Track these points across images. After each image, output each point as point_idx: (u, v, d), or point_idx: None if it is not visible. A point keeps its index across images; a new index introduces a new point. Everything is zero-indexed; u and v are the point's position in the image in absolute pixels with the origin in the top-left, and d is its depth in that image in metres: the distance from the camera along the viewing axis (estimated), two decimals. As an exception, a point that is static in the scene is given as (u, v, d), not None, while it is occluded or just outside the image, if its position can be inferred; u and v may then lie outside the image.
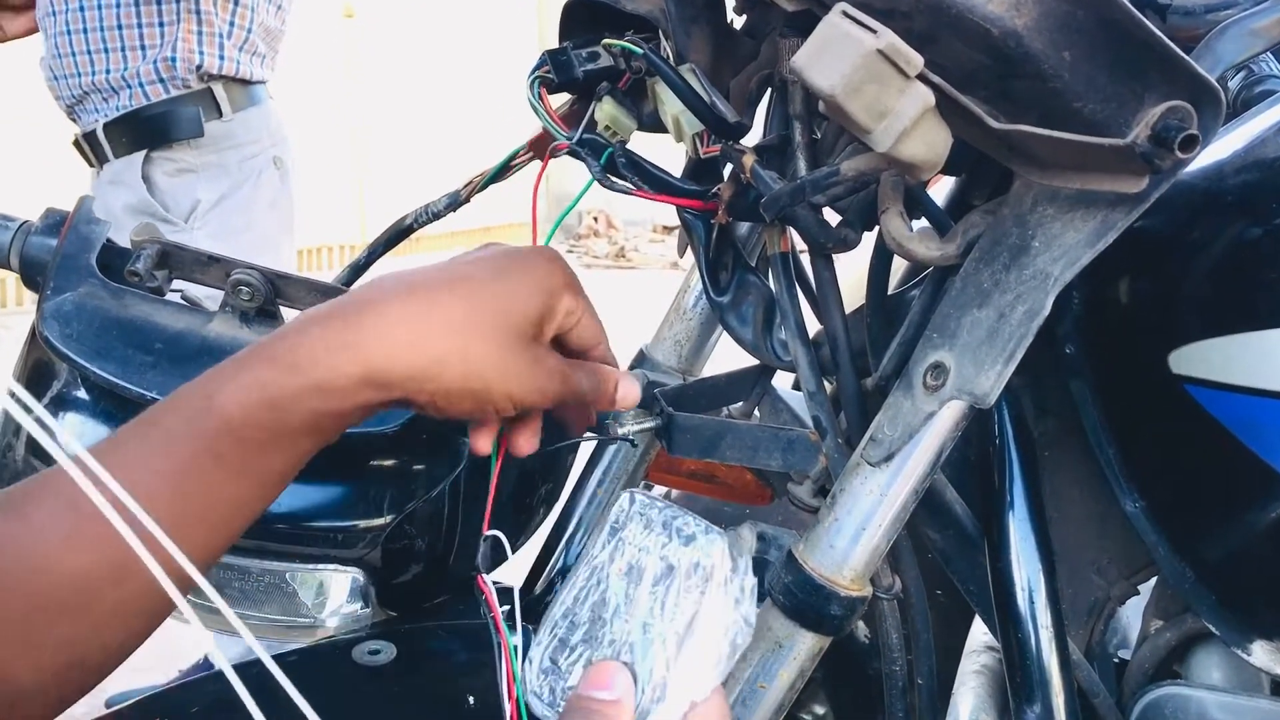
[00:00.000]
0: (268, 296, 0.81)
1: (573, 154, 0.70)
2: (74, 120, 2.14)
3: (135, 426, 0.56)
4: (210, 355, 0.79)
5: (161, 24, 2.02)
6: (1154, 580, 0.74)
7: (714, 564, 0.57)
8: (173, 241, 0.84)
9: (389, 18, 7.43)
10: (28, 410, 0.30)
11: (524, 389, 0.60)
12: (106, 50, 2.03)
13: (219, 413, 0.54)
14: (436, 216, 0.91)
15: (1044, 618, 0.66)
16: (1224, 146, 0.64)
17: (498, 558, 0.68)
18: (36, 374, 0.85)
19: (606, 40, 0.72)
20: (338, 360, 0.55)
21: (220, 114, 2.10)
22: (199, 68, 2.04)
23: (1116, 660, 0.81)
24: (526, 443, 0.66)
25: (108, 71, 2.03)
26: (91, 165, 2.15)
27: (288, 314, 0.84)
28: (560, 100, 0.80)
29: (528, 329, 0.60)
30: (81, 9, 2.02)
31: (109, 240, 0.85)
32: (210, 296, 0.85)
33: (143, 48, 2.02)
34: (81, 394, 0.82)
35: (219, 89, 2.09)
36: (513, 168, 0.87)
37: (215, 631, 0.68)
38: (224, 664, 0.32)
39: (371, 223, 7.30)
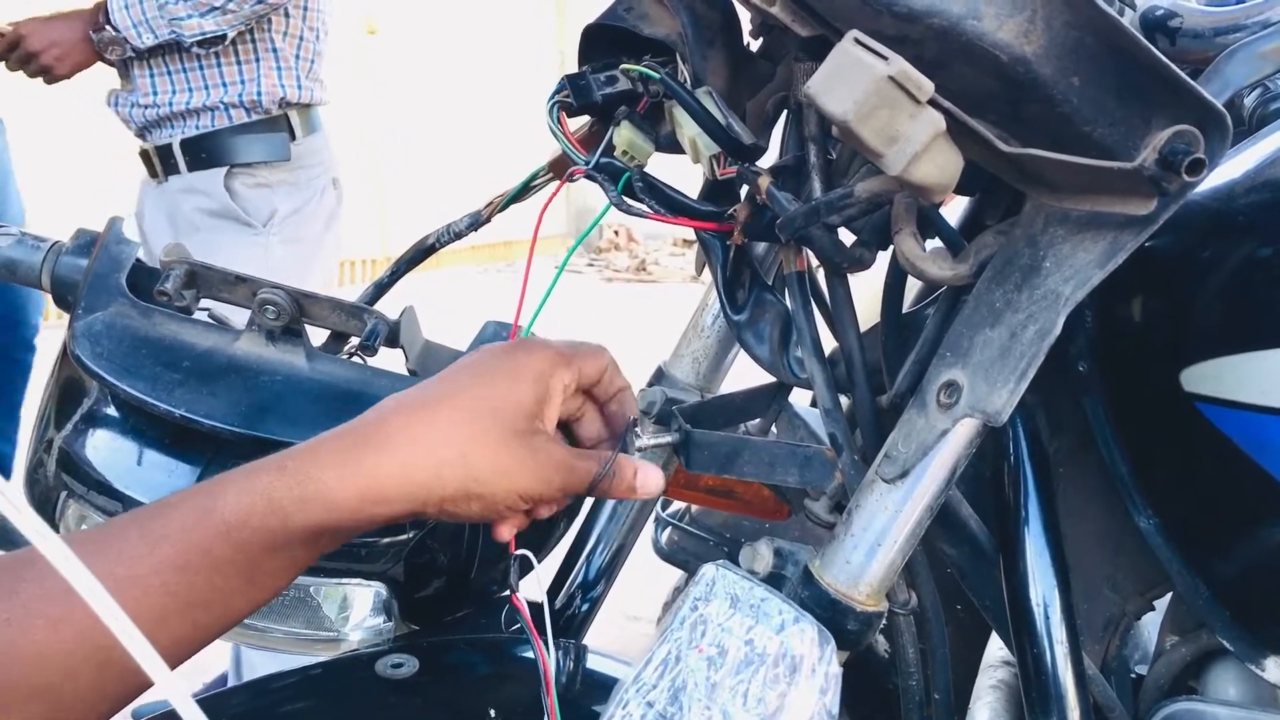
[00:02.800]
0: (293, 315, 0.83)
1: (590, 178, 0.71)
2: (142, 137, 2.28)
3: (136, 518, 0.57)
4: (237, 373, 0.81)
5: (239, 62, 2.19)
6: (1169, 596, 0.74)
7: (803, 654, 0.55)
8: (201, 262, 0.86)
9: (412, 35, 7.48)
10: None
11: (528, 483, 0.61)
12: (190, 89, 2.19)
13: (220, 514, 0.56)
14: (458, 236, 0.92)
15: (1059, 633, 0.67)
16: (1235, 167, 0.65)
17: (524, 571, 0.69)
18: (68, 391, 0.87)
19: (625, 65, 0.73)
20: (342, 475, 0.58)
21: (294, 138, 2.28)
22: (282, 99, 2.23)
23: (1134, 676, 0.81)
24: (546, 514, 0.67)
25: (188, 104, 2.19)
26: (155, 175, 2.29)
27: (313, 332, 0.86)
28: (580, 122, 0.82)
29: (522, 423, 0.62)
30: (163, 55, 2.18)
31: (138, 260, 0.87)
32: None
33: (224, 85, 2.19)
34: (111, 411, 0.84)
35: (294, 115, 2.27)
36: (533, 188, 0.88)
37: (245, 645, 0.70)
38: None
39: (392, 238, 7.35)
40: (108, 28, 2.16)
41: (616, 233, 10.04)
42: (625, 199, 0.70)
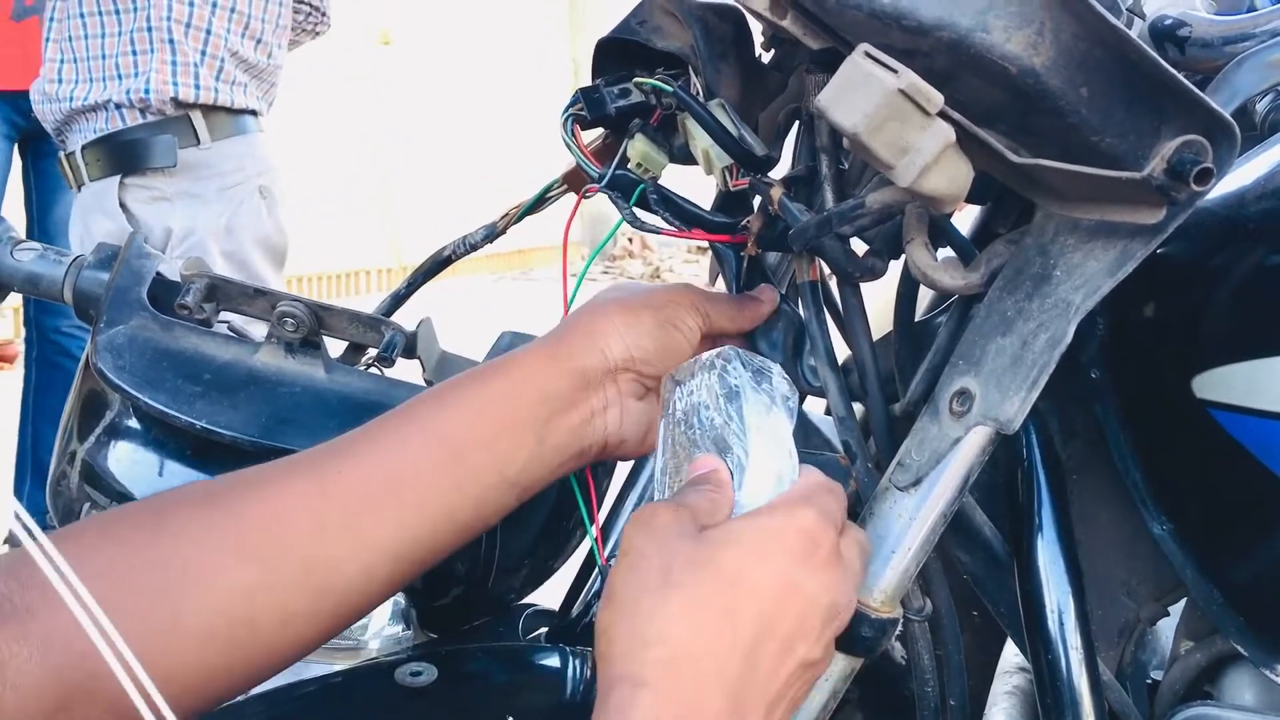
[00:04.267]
0: (311, 328, 0.84)
1: (604, 193, 0.72)
2: (61, 144, 2.20)
3: None
4: (256, 384, 0.82)
5: (135, 52, 2.06)
6: (1184, 601, 0.74)
7: (774, 372, 0.62)
8: (221, 275, 0.87)
9: (425, 45, 7.52)
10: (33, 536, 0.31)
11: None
12: (91, 80, 2.08)
13: None
14: (474, 247, 0.93)
15: (1074, 639, 0.67)
16: (1246, 173, 0.65)
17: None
18: (90, 404, 0.89)
19: (637, 79, 0.74)
20: None
21: (198, 141, 2.11)
22: (174, 98, 2.07)
23: (1150, 681, 0.81)
24: None
25: (86, 99, 2.08)
26: (71, 186, 2.19)
27: (330, 344, 0.87)
28: (594, 134, 0.82)
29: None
30: (69, 39, 2.10)
31: (159, 274, 0.88)
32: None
33: (119, 76, 2.07)
34: (133, 423, 0.85)
35: (197, 117, 2.10)
36: (548, 200, 0.89)
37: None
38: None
39: (406, 248, 7.37)
40: None
41: (631, 240, 10.06)
42: (638, 215, 0.71)
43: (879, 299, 0.81)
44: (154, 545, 0.57)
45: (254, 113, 2.21)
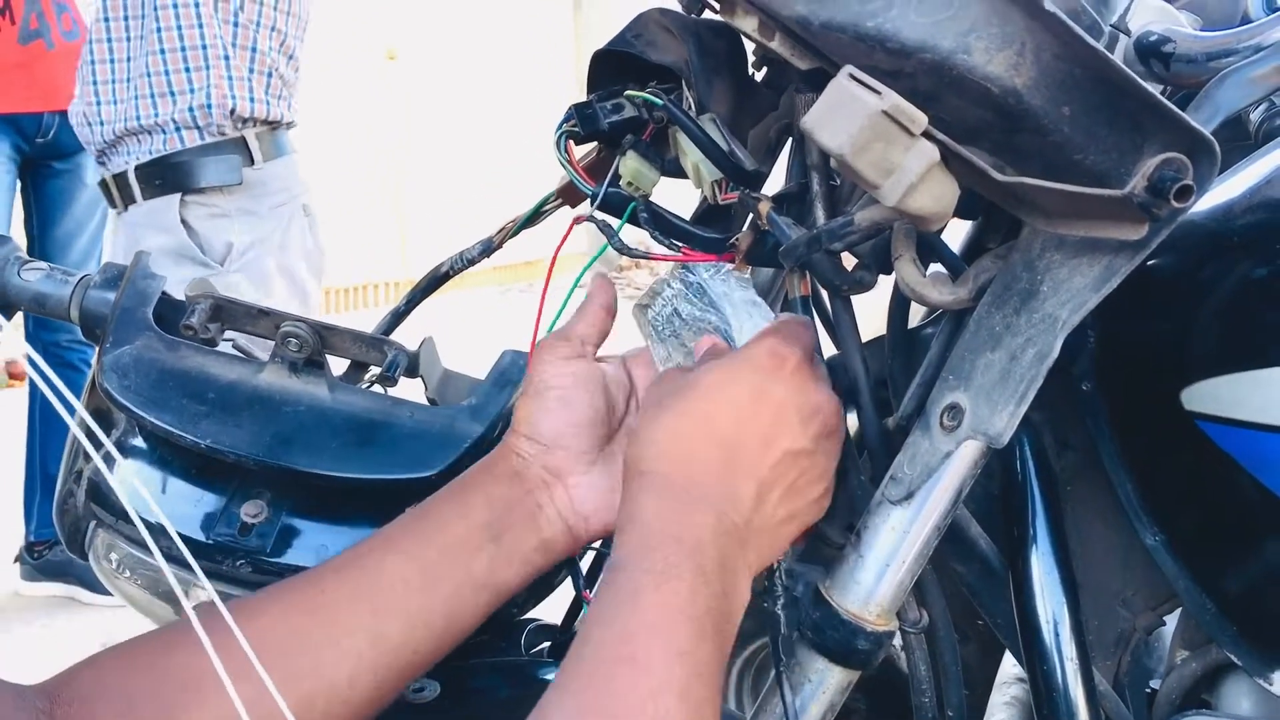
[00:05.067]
0: (315, 347, 0.85)
1: (592, 221, 0.73)
2: (103, 164, 2.22)
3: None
4: (261, 404, 0.83)
5: (188, 69, 2.09)
6: (1179, 611, 0.75)
7: (719, 265, 0.72)
8: (226, 296, 0.88)
9: (431, 59, 7.54)
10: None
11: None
12: (137, 98, 2.10)
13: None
14: (471, 263, 0.94)
15: (1069, 649, 0.68)
16: (1233, 186, 0.66)
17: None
18: (97, 422, 0.90)
19: (629, 92, 0.75)
20: None
21: (253, 162, 2.17)
22: (233, 111, 2.11)
23: (1149, 690, 0.82)
24: None
25: (138, 118, 2.10)
26: (115, 206, 2.21)
27: (334, 363, 0.88)
28: (589, 146, 0.83)
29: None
30: (111, 60, 2.12)
31: (164, 294, 0.89)
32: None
33: (172, 94, 2.09)
34: (139, 442, 0.86)
35: (251, 136, 2.16)
36: (544, 214, 0.90)
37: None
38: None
39: (414, 262, 7.39)
40: None
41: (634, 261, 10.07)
42: (624, 242, 0.72)
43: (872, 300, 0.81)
44: (164, 668, 0.61)
45: (291, 125, 2.28)
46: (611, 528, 0.77)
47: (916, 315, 0.80)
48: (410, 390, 0.88)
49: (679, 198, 0.74)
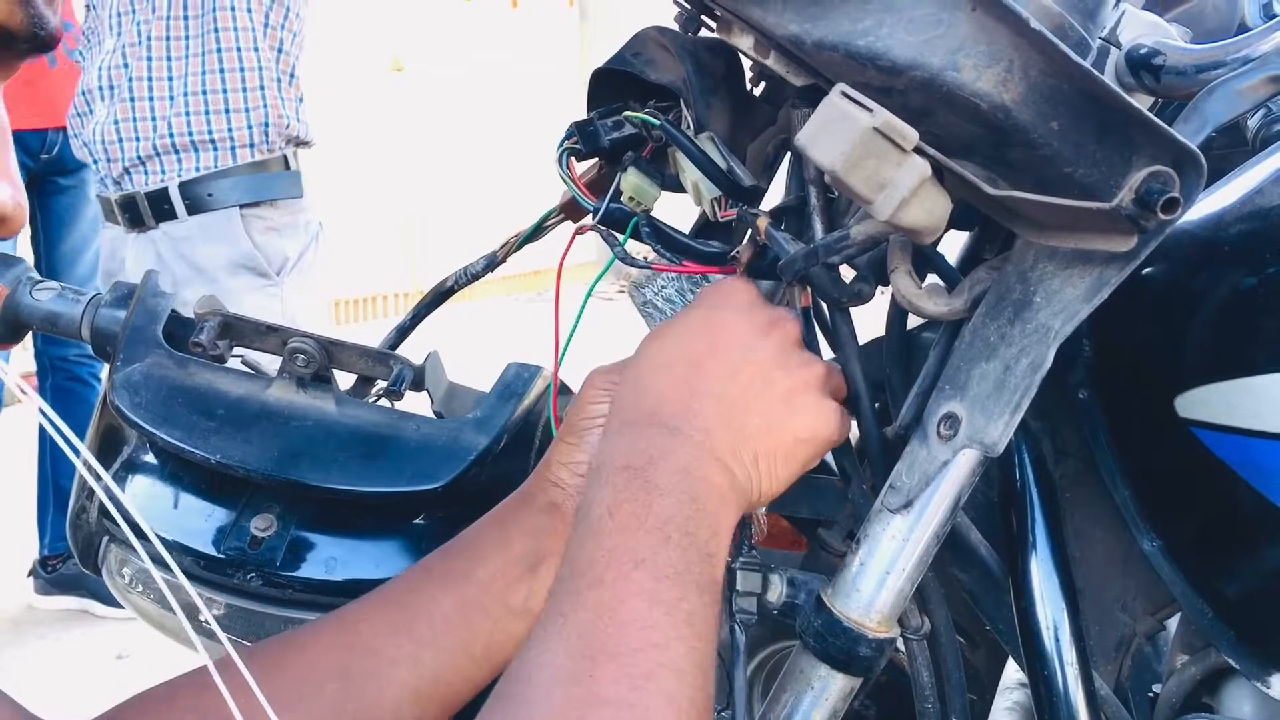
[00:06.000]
0: (322, 362, 0.86)
1: (596, 231, 0.74)
2: (119, 184, 2.22)
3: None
4: (269, 419, 0.84)
5: (245, 89, 2.15)
6: (1179, 615, 0.75)
7: None
8: (233, 313, 0.89)
9: (437, 72, 7.57)
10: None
11: None
12: (189, 114, 2.14)
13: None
14: (475, 277, 0.95)
15: (1069, 654, 0.68)
16: (1225, 195, 0.67)
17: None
18: (108, 439, 0.91)
19: (628, 113, 0.76)
20: None
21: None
22: (285, 129, 2.20)
23: (1151, 694, 0.82)
24: None
25: (190, 133, 2.14)
26: (138, 224, 2.21)
27: (341, 378, 0.89)
28: (590, 162, 0.84)
29: None
30: (150, 79, 2.14)
31: (174, 311, 0.90)
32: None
33: (228, 111, 2.15)
34: (150, 458, 0.88)
35: (291, 154, 2.25)
36: (546, 229, 0.91)
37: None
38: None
39: (422, 273, 7.42)
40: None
41: (646, 259, 10.08)
42: (629, 252, 0.73)
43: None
44: (206, 708, 0.62)
45: (306, 143, 2.34)
46: None
47: (915, 321, 0.81)
48: (416, 403, 0.89)
49: (680, 211, 0.75)
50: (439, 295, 0.94)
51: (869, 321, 0.72)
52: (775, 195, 0.76)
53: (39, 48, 0.50)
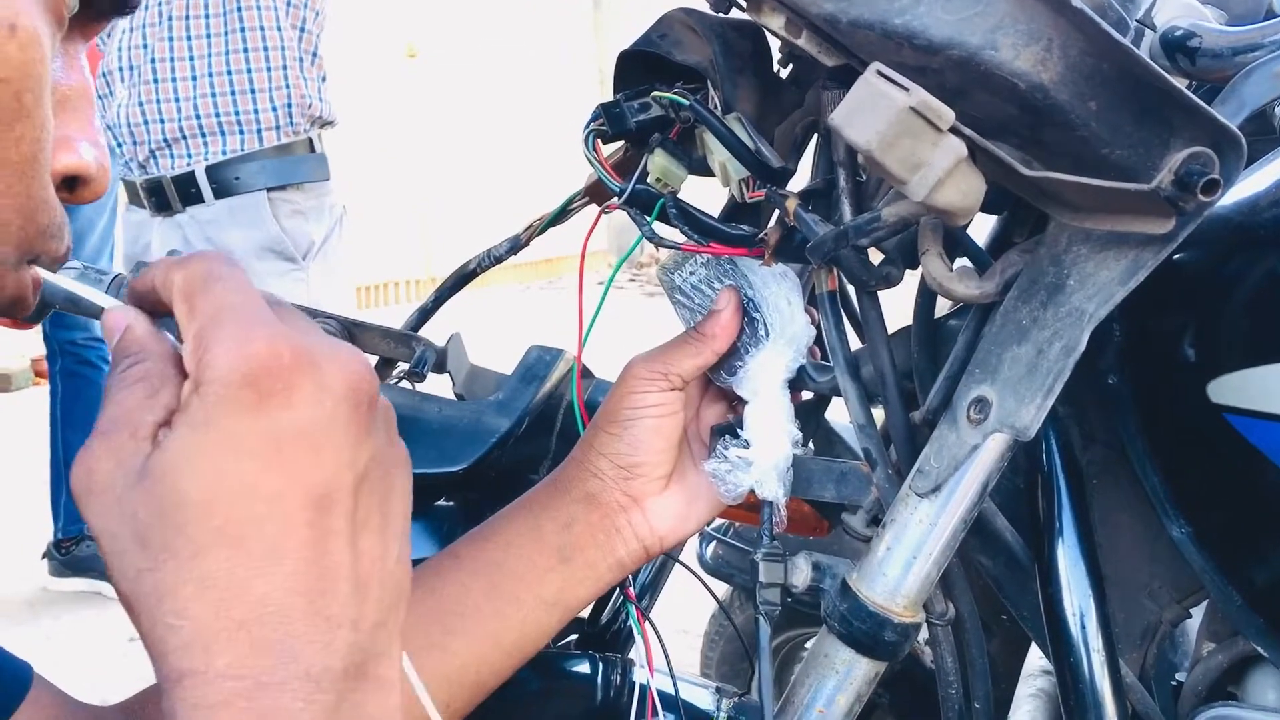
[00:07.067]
0: (344, 343, 0.86)
1: (624, 210, 0.73)
2: (144, 168, 2.22)
3: None
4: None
5: (269, 69, 2.15)
6: (1205, 603, 0.75)
7: None
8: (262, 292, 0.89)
9: (452, 57, 7.57)
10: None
11: None
12: (214, 95, 2.14)
13: None
14: (498, 260, 0.95)
15: (1095, 641, 0.68)
16: (1260, 180, 0.66)
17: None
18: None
19: (655, 93, 0.76)
20: None
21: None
22: (309, 108, 2.20)
23: (1175, 682, 0.82)
24: None
25: (217, 115, 2.15)
26: (165, 209, 2.21)
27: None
28: (616, 145, 0.84)
29: None
30: (172, 59, 2.14)
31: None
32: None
33: (253, 91, 2.15)
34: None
35: (315, 136, 2.25)
36: (570, 212, 0.91)
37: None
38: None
39: (436, 259, 7.43)
40: None
41: (657, 249, 10.07)
42: (656, 233, 0.73)
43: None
44: None
45: (330, 123, 2.34)
46: (683, 541, 0.78)
47: (943, 306, 0.80)
48: (438, 385, 0.89)
49: (707, 194, 0.75)
50: (461, 278, 0.94)
51: (892, 311, 0.72)
52: (800, 181, 0.75)
53: (120, 7, 0.50)
